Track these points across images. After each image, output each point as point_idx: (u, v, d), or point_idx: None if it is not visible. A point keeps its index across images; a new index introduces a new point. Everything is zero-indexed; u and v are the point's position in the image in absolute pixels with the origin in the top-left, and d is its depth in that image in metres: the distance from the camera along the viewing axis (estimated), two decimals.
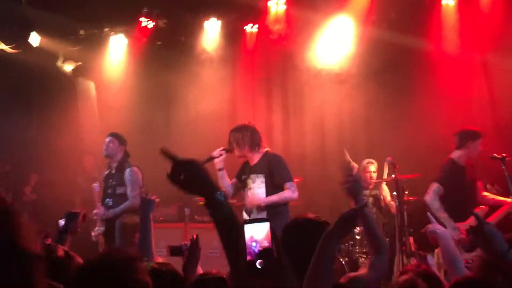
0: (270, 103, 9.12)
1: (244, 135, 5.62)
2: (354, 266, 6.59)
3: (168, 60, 8.81)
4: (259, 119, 8.84)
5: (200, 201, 2.32)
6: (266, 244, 2.08)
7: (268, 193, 5.50)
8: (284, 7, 8.46)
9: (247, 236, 2.07)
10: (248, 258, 2.00)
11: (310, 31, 8.44)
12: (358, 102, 8.32)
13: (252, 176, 5.61)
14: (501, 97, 7.51)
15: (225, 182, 5.71)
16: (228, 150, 5.66)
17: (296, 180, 5.82)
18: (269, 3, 8.50)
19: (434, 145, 7.48)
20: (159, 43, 8.95)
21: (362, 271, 2.88)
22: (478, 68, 7.74)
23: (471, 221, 4.93)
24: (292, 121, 9.03)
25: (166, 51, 8.92)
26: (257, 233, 2.10)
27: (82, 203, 7.64)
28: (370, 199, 7.33)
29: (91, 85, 9.43)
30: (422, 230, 3.06)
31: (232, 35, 8.89)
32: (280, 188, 5.52)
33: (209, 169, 2.11)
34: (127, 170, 6.42)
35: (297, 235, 2.91)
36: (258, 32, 8.83)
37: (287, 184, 5.52)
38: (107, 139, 6.52)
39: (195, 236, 3.43)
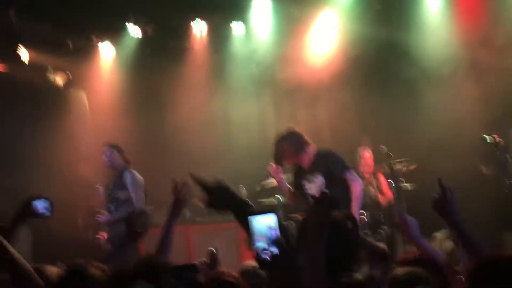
0: (261, 101, 9.12)
1: (284, 145, 5.51)
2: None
3: (158, 64, 8.79)
4: (251, 116, 8.85)
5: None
6: (277, 234, 2.17)
7: (329, 190, 5.16)
8: (270, 4, 8.46)
9: (264, 225, 2.16)
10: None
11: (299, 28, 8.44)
12: (350, 92, 8.35)
13: (309, 177, 5.46)
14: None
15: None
16: (280, 164, 5.57)
17: None
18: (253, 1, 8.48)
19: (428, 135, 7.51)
20: (148, 48, 8.95)
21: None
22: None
23: None
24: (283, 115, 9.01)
25: (155, 56, 8.91)
26: (271, 223, 2.19)
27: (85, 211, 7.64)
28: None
29: (83, 95, 9.42)
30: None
31: (219, 35, 8.88)
32: (340, 182, 5.37)
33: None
34: (127, 173, 6.57)
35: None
36: (245, 32, 8.83)
37: (347, 175, 5.40)
38: (106, 150, 6.71)
39: (214, 250, 3.47)
